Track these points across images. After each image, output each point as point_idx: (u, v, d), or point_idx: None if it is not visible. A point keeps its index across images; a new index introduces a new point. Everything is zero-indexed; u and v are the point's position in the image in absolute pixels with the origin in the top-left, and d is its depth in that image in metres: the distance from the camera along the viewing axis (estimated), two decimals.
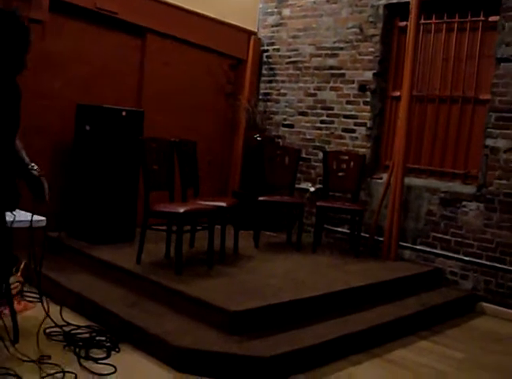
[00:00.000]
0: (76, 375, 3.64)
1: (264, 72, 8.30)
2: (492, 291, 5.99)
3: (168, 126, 6.86)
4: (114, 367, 3.84)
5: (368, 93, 7.08)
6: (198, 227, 5.93)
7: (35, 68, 5.10)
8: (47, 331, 4.24)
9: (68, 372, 3.64)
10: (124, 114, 5.96)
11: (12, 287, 4.34)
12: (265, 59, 8.29)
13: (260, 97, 8.27)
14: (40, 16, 5.84)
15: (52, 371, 3.63)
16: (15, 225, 3.58)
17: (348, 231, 6.93)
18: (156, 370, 3.94)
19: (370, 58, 7.08)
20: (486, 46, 6.32)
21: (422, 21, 6.63)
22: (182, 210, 5.10)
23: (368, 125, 7.07)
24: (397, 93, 6.90)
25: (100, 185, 5.88)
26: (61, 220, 5.88)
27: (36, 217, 3.80)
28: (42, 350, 3.90)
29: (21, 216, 3.76)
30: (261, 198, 6.57)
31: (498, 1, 6.02)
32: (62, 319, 4.40)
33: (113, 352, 4.10)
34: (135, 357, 4.10)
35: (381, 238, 6.61)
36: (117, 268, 5.23)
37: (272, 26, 8.21)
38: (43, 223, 4.00)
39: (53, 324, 4.25)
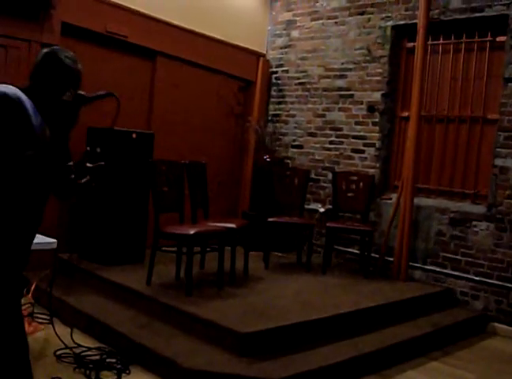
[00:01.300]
0: None
1: (273, 93, 8.35)
2: (504, 311, 5.95)
3: (178, 148, 6.91)
4: None
5: (377, 114, 7.11)
6: (208, 249, 5.94)
7: None
8: (58, 353, 4.26)
9: None
10: (134, 136, 6.01)
11: (23, 308, 4.35)
12: (274, 81, 8.35)
13: (269, 118, 8.31)
14: (52, 40, 5.92)
15: None
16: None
17: (357, 252, 6.93)
18: None
19: (379, 78, 7.12)
20: (494, 66, 6.34)
21: (429, 42, 6.66)
22: (192, 232, 5.12)
23: (377, 145, 7.09)
24: (406, 113, 6.92)
25: (111, 207, 5.92)
26: (72, 242, 5.91)
27: (47, 239, 3.82)
28: (52, 372, 3.91)
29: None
30: (270, 219, 6.58)
31: (506, 21, 6.05)
32: (73, 341, 4.42)
33: (123, 374, 4.10)
34: (145, 378, 4.10)
35: (391, 259, 6.60)
36: (127, 289, 5.24)
37: (281, 48, 8.28)
38: (54, 245, 4.03)
39: (63, 346, 4.27)
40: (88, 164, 2.83)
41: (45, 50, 2.65)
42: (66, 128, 2.49)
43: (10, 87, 2.49)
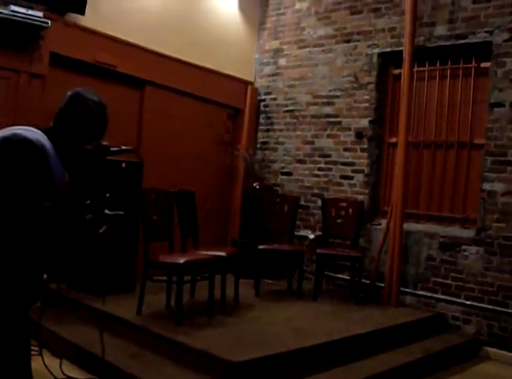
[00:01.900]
0: None
1: (261, 121, 8.40)
2: (495, 335, 5.94)
3: (167, 176, 6.91)
4: None
5: (365, 140, 7.16)
6: (198, 277, 5.92)
7: (35, 122, 5.15)
8: None
9: None
10: (124, 165, 6.01)
11: None
12: (262, 108, 8.40)
13: (258, 146, 8.35)
14: (40, 70, 5.97)
15: None
16: None
17: (348, 278, 6.91)
18: None
19: (366, 105, 7.18)
20: (479, 92, 6.42)
21: (415, 69, 6.74)
22: (181, 261, 5.11)
23: (366, 171, 7.13)
24: (394, 139, 6.97)
25: (100, 236, 5.88)
26: (60, 272, 5.86)
27: None
28: None
29: None
30: (260, 246, 6.58)
31: (489, 48, 6.15)
32: (62, 372, 4.36)
33: None
34: None
35: (381, 284, 6.59)
36: (117, 319, 5.20)
37: (269, 76, 8.34)
38: (44, 276, 3.99)
39: (53, 378, 4.22)
40: (106, 211, 2.81)
41: (71, 91, 2.60)
42: (89, 177, 2.43)
43: (34, 130, 2.43)
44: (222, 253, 5.75)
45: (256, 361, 4.33)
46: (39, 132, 2.46)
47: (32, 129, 2.45)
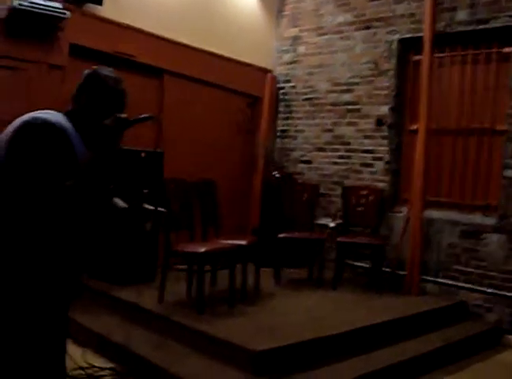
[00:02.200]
0: None
1: (280, 109, 8.38)
2: None
3: (187, 166, 6.92)
4: None
5: (385, 127, 7.11)
6: (219, 266, 5.94)
7: None
8: (71, 373, 4.24)
9: None
10: (143, 155, 6.03)
11: None
12: (281, 96, 8.38)
13: (277, 134, 8.33)
14: (60, 61, 6.00)
15: None
16: None
17: (369, 266, 6.90)
18: None
19: (386, 92, 7.13)
20: (501, 77, 6.34)
21: (436, 55, 6.66)
22: (202, 250, 5.13)
23: (386, 159, 7.09)
24: (414, 127, 6.91)
25: (121, 226, 5.92)
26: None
27: None
28: None
29: None
30: (281, 235, 6.57)
31: (511, 32, 6.06)
32: (85, 361, 4.41)
33: None
34: None
35: (402, 272, 6.57)
36: (139, 308, 5.24)
37: (288, 63, 8.31)
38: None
39: (76, 367, 4.26)
40: (146, 206, 2.82)
41: (87, 71, 2.60)
42: (108, 153, 2.41)
43: (53, 113, 2.44)
44: (242, 242, 5.76)
45: (277, 350, 4.34)
46: (59, 114, 2.47)
47: (50, 111, 2.46)
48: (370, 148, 7.25)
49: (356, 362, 4.58)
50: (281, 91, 8.39)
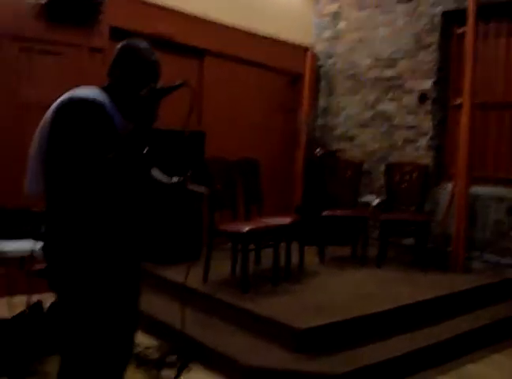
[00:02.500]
0: None
1: (322, 86, 8.32)
2: None
3: (229, 145, 6.94)
4: None
5: (428, 102, 7.01)
6: (263, 245, 5.96)
7: None
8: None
9: None
10: (186, 135, 6.05)
11: None
12: (322, 73, 8.32)
13: (319, 111, 8.29)
14: (101, 44, 6.06)
15: None
16: None
17: (413, 243, 6.84)
18: None
19: (429, 66, 7.02)
20: None
21: (480, 27, 6.52)
22: (245, 229, 5.15)
23: (430, 134, 7.00)
24: (459, 101, 6.78)
25: (165, 207, 5.98)
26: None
27: None
28: None
29: None
30: (324, 213, 6.56)
31: None
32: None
33: (184, 372, 4.15)
34: (205, 376, 4.15)
35: (448, 249, 6.50)
36: (184, 287, 5.29)
37: (328, 40, 8.24)
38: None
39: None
40: (191, 186, 2.84)
41: (120, 44, 2.63)
42: (146, 124, 2.43)
43: (90, 89, 2.47)
44: (286, 221, 5.77)
45: (322, 328, 4.35)
46: (95, 89, 2.50)
47: (87, 88, 2.48)
48: (414, 123, 7.15)
49: (402, 340, 4.56)
50: (322, 68, 8.32)
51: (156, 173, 2.89)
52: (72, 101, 2.39)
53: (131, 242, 2.64)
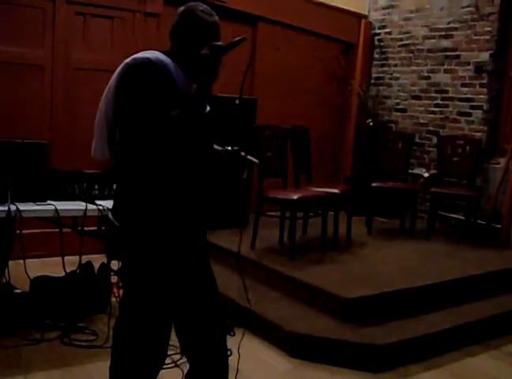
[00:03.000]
0: None
1: (375, 56, 8.20)
2: None
3: (280, 113, 6.94)
4: (230, 351, 3.95)
5: (485, 75, 6.84)
6: (311, 214, 5.97)
7: None
8: None
9: None
10: (237, 102, 6.07)
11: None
12: (376, 43, 8.19)
13: (372, 81, 8.18)
14: (155, 9, 6.09)
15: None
16: None
17: (463, 218, 6.76)
18: (271, 355, 4.05)
19: (487, 37, 6.83)
20: None
21: None
22: (295, 197, 5.16)
23: (485, 108, 6.85)
24: None
25: (217, 173, 6.03)
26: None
27: None
28: None
29: None
30: (374, 184, 6.53)
31: None
32: None
33: (229, 336, 4.21)
34: (250, 341, 4.20)
35: (498, 225, 6.41)
36: (231, 253, 5.36)
37: (383, 8, 8.08)
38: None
39: None
40: (243, 154, 2.89)
41: (181, 8, 2.67)
42: (208, 82, 2.48)
43: (153, 52, 2.53)
44: (335, 190, 5.76)
45: (367, 298, 4.38)
46: (157, 52, 2.55)
47: (150, 51, 2.54)
48: (468, 96, 7.01)
49: (448, 314, 4.55)
50: (376, 37, 8.19)
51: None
52: (135, 63, 2.45)
53: (197, 207, 2.68)
